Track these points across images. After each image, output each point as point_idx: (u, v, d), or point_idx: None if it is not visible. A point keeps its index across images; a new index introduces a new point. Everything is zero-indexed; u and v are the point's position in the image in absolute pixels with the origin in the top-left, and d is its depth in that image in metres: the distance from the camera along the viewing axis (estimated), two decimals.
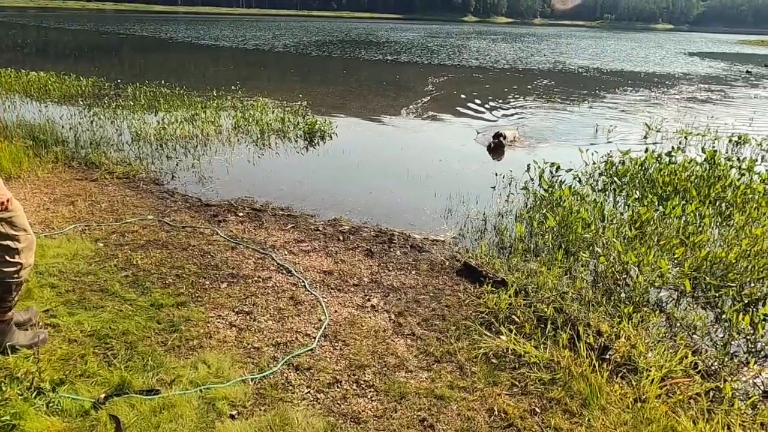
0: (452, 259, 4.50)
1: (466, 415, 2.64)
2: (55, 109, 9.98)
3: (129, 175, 6.34)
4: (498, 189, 6.57)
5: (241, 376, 2.77)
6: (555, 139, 9.50)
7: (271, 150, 8.14)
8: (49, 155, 6.77)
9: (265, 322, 3.35)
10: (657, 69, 24.68)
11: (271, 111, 10.28)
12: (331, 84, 16.31)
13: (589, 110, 12.79)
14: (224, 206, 5.51)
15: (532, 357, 3.09)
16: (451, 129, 10.41)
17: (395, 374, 2.92)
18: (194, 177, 6.60)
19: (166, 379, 2.70)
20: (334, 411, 2.61)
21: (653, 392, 2.77)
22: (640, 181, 6.26)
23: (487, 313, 3.59)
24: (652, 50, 39.94)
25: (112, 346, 2.95)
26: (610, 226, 4.88)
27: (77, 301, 3.41)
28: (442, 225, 5.38)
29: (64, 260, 3.96)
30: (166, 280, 3.79)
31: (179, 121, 8.96)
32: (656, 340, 3.29)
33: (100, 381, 2.63)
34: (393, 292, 3.85)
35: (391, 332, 3.34)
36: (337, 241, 4.74)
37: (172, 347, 3.00)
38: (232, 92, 12.13)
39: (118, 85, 12.54)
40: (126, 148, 7.67)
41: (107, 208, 5.20)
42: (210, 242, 4.53)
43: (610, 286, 4.00)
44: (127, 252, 4.20)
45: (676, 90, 17.29)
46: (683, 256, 4.34)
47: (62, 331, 3.04)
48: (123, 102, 10.48)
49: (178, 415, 2.43)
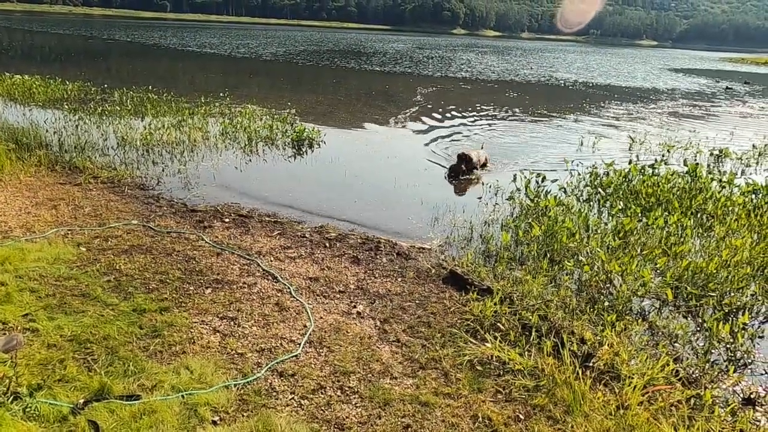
0: (438, 266, 4.51)
1: (450, 422, 2.64)
2: (39, 113, 9.86)
3: (114, 180, 6.28)
4: (484, 198, 6.62)
5: (224, 382, 2.74)
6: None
7: (259, 157, 8.12)
8: (32, 159, 6.67)
9: (250, 328, 3.32)
10: (641, 84, 25.16)
11: (259, 118, 10.27)
12: (320, 93, 16.34)
13: (574, 123, 12.97)
14: (210, 212, 5.48)
15: (516, 364, 3.10)
16: (438, 140, 10.48)
17: (380, 381, 2.91)
18: (180, 182, 6.55)
19: (148, 384, 2.66)
20: (318, 417, 2.59)
21: (635, 399, 2.80)
22: (624, 192, 6.36)
23: (473, 320, 3.60)
24: (636, 66, 40.75)
25: (93, 351, 2.90)
26: (594, 235, 4.94)
27: (58, 305, 3.35)
28: (428, 233, 5.40)
29: (44, 264, 3.89)
30: (150, 285, 3.75)
31: (166, 126, 8.90)
32: (639, 348, 3.33)
33: (80, 386, 2.58)
34: (379, 299, 3.85)
35: (376, 339, 3.33)
36: (323, 248, 4.73)
37: (154, 352, 2.95)
38: (220, 99, 12.10)
39: (104, 89, 12.44)
40: (111, 152, 7.60)
41: (91, 212, 5.13)
42: (195, 248, 4.49)
43: (594, 295, 4.04)
44: (110, 257, 4.15)
45: (659, 104, 17.63)
46: (665, 266, 4.41)
47: (41, 336, 2.99)
48: (109, 107, 10.38)
49: (159, 421, 2.39)
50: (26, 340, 2.92)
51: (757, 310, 4.04)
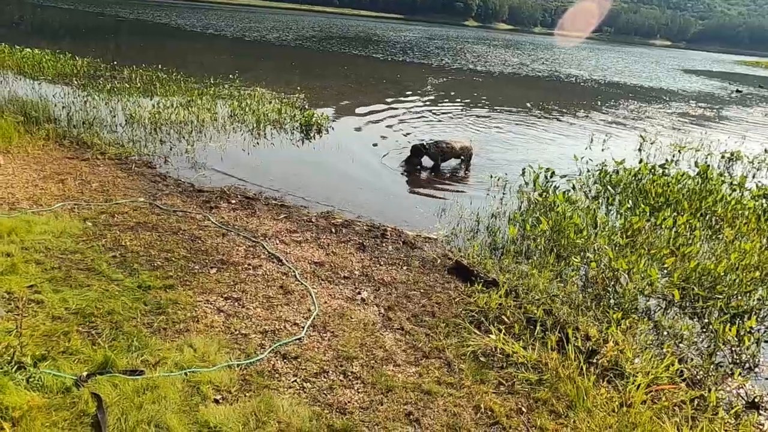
0: (444, 257, 4.49)
1: (452, 411, 2.63)
2: (48, 87, 9.83)
3: (121, 157, 6.26)
4: (491, 191, 6.58)
5: (228, 362, 2.74)
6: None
7: (267, 140, 8.08)
8: (41, 132, 6.66)
9: (254, 309, 3.31)
10: (653, 84, 24.92)
11: (268, 102, 10.22)
12: (330, 79, 16.24)
13: (584, 120, 12.86)
14: (217, 193, 5.46)
15: (520, 357, 3.09)
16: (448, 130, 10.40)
17: (383, 367, 2.90)
18: (188, 162, 6.53)
19: (151, 360, 2.66)
20: (320, 401, 2.59)
21: (639, 397, 2.78)
22: (633, 191, 6.31)
23: (477, 311, 3.58)
24: (649, 65, 40.34)
25: (97, 325, 2.90)
26: (601, 233, 4.91)
27: (63, 278, 3.35)
28: (434, 223, 5.37)
29: (50, 237, 3.89)
30: (155, 262, 3.74)
31: (175, 106, 8.87)
32: (643, 347, 3.31)
33: (83, 359, 2.58)
34: (383, 287, 3.83)
35: (380, 326, 3.31)
36: (329, 234, 4.71)
37: (158, 329, 2.95)
38: (229, 81, 12.03)
39: (114, 66, 12.38)
40: (119, 129, 7.57)
41: (98, 188, 5.12)
42: (201, 228, 4.48)
43: (599, 292, 4.01)
44: (116, 233, 4.14)
45: (671, 105, 17.46)
46: (673, 266, 4.37)
47: (46, 308, 2.99)
48: (118, 84, 10.35)
49: (162, 397, 2.39)
50: (31, 311, 2.91)
51: (764, 314, 4.00)
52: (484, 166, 7.76)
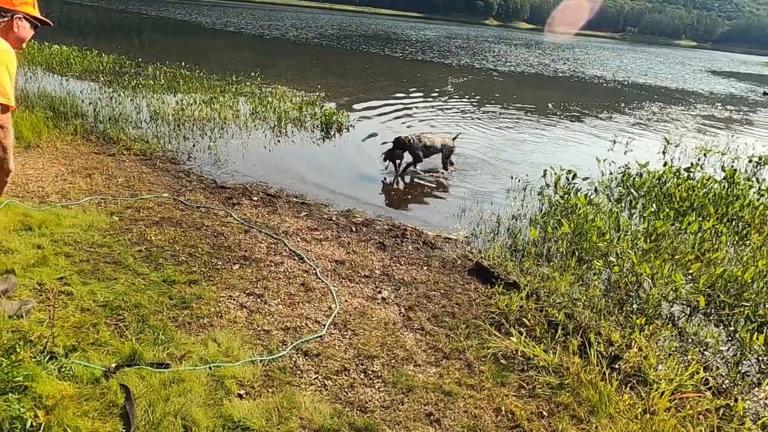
0: (464, 258, 4.48)
1: (472, 413, 2.63)
2: (75, 83, 10.05)
3: (146, 153, 6.37)
4: (512, 193, 6.54)
5: (251, 357, 2.78)
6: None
7: (288, 138, 8.15)
8: (69, 127, 6.81)
9: (276, 306, 3.35)
10: (678, 85, 24.45)
11: (289, 99, 10.29)
12: (351, 77, 16.30)
13: (606, 122, 12.69)
14: (239, 189, 5.52)
15: (541, 360, 3.07)
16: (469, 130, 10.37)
17: (403, 367, 2.91)
18: (210, 159, 6.62)
19: (177, 353, 2.70)
20: (341, 398, 2.61)
21: (663, 405, 2.74)
22: (657, 194, 6.21)
23: (498, 313, 3.57)
24: (674, 66, 39.59)
25: (124, 318, 2.96)
26: (624, 236, 4.84)
27: (91, 271, 3.42)
28: (455, 224, 5.36)
29: (79, 231, 3.98)
30: (179, 257, 3.80)
31: (198, 103, 9.00)
32: (667, 354, 3.26)
33: (112, 350, 2.64)
34: (404, 286, 3.84)
35: (400, 325, 3.33)
36: (349, 232, 4.73)
37: (183, 323, 3.00)
38: (251, 79, 12.15)
39: (138, 63, 12.60)
40: (144, 125, 7.71)
41: (123, 183, 5.22)
42: (224, 224, 4.54)
43: (622, 297, 3.96)
44: (141, 227, 4.22)
45: (696, 107, 17.12)
46: (698, 273, 4.29)
47: (75, 300, 3.06)
48: (143, 80, 10.53)
49: (187, 390, 2.43)
50: (61, 302, 2.99)
51: None
52: (505, 167, 7.71)
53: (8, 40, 2.53)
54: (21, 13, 2.56)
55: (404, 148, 6.75)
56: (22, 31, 2.60)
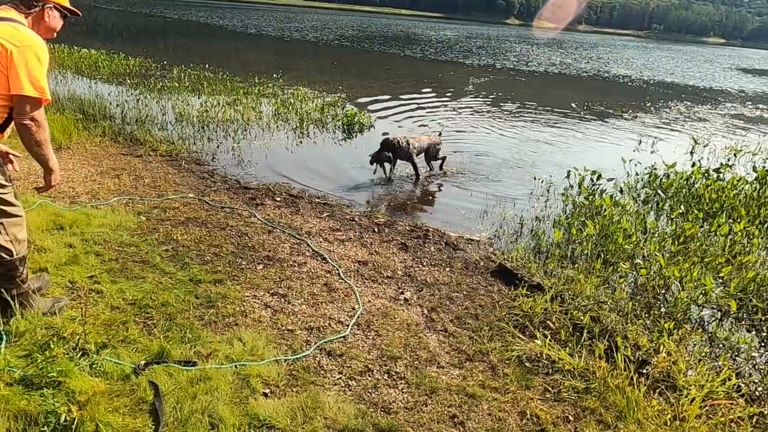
0: (487, 259, 4.45)
1: (497, 416, 2.60)
2: (103, 86, 10.30)
3: (172, 154, 6.48)
4: (535, 193, 6.46)
5: (275, 356, 2.80)
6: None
7: (309, 139, 8.20)
8: (97, 129, 6.98)
9: (299, 306, 3.38)
10: (706, 84, 23.87)
11: (310, 101, 10.36)
12: (371, 78, 16.33)
13: (631, 122, 12.46)
14: (262, 190, 5.58)
15: (566, 364, 3.03)
16: (488, 130, 10.29)
17: (426, 368, 2.90)
18: (234, 160, 6.71)
19: (203, 352, 2.74)
20: (365, 399, 2.61)
21: (693, 411, 2.68)
22: (685, 195, 6.07)
23: (522, 316, 3.53)
24: (701, 64, 38.65)
25: (152, 316, 3.02)
26: (651, 238, 4.75)
27: (120, 270, 3.50)
28: (477, 225, 5.32)
29: (108, 230, 4.07)
30: (205, 257, 3.86)
31: (221, 104, 9.13)
32: (697, 359, 3.18)
33: (141, 348, 2.69)
34: (426, 288, 3.83)
35: (423, 327, 3.32)
36: (372, 233, 4.74)
37: (209, 322, 3.05)
38: (273, 80, 12.27)
39: (163, 66, 12.83)
40: (169, 127, 7.85)
41: (150, 183, 5.33)
42: (247, 224, 4.59)
43: (649, 300, 3.88)
44: (167, 227, 4.30)
45: (725, 106, 16.68)
46: (729, 276, 4.18)
47: (105, 298, 3.13)
48: (168, 83, 10.72)
49: (214, 388, 2.46)
50: (92, 300, 3.06)
51: None
52: (527, 168, 7.63)
53: (40, 30, 2.59)
54: (51, 2, 2.63)
55: (392, 150, 6.37)
56: (52, 21, 2.65)
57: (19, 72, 2.35)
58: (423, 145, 6.75)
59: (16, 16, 2.49)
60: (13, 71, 2.35)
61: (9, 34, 2.38)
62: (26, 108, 2.41)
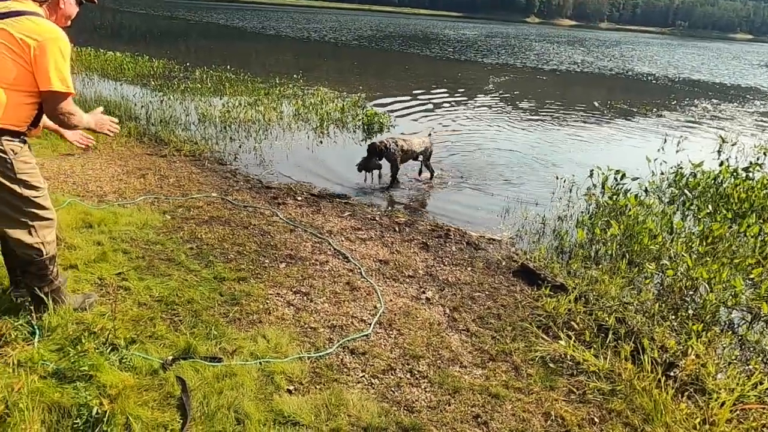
0: (509, 259, 4.41)
1: (521, 416, 2.58)
2: (128, 88, 10.51)
3: (195, 154, 6.59)
4: (558, 193, 6.39)
5: (299, 354, 2.82)
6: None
7: (330, 139, 8.25)
8: (123, 130, 7.12)
9: (322, 304, 3.40)
10: (734, 81, 23.27)
11: (330, 101, 10.41)
12: (391, 78, 16.34)
13: (656, 120, 12.22)
14: (284, 189, 5.63)
15: (591, 365, 2.99)
16: (509, 129, 10.20)
17: (449, 368, 2.89)
18: (255, 159, 6.78)
19: (228, 348, 2.78)
20: (387, 397, 2.62)
21: (723, 416, 2.62)
22: (713, 195, 5.93)
23: (545, 316, 3.50)
24: (729, 61, 37.70)
25: (178, 313, 3.07)
26: (678, 239, 4.65)
27: (146, 267, 3.57)
28: (498, 224, 5.29)
29: (135, 228, 4.15)
30: (228, 255, 3.91)
31: (243, 105, 9.24)
32: (727, 362, 3.11)
33: (168, 344, 2.74)
34: (448, 287, 3.82)
35: (445, 326, 3.31)
36: (393, 232, 4.75)
37: (233, 319, 3.09)
38: (293, 81, 12.37)
39: (186, 68, 13.04)
40: (192, 128, 7.97)
41: (174, 183, 5.42)
42: (270, 223, 4.64)
43: (676, 301, 3.81)
44: (192, 225, 4.37)
45: (754, 104, 16.25)
46: (759, 278, 4.07)
47: (133, 294, 3.19)
48: (191, 84, 10.89)
49: (239, 384, 2.50)
50: (120, 297, 3.13)
51: None
52: (549, 167, 7.55)
53: (57, 19, 2.56)
54: None
55: (381, 155, 6.00)
56: (68, 8, 2.62)
57: (48, 68, 2.33)
58: (414, 148, 6.27)
59: (31, 7, 2.44)
60: (40, 68, 2.33)
61: (28, 29, 2.34)
62: (57, 103, 2.41)
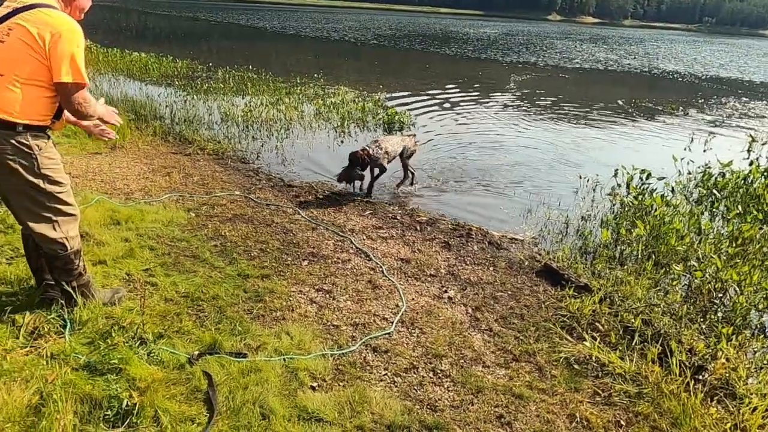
0: (531, 259, 4.37)
1: (545, 418, 2.56)
2: (153, 88, 10.69)
3: (218, 153, 6.68)
4: (581, 193, 6.30)
5: (322, 351, 2.84)
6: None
7: (351, 137, 8.27)
8: (149, 129, 7.27)
9: (344, 302, 3.41)
10: (763, 78, 22.62)
11: (351, 100, 10.44)
12: (411, 77, 16.31)
13: (682, 119, 11.95)
14: (305, 188, 5.67)
15: (616, 368, 2.94)
16: (531, 127, 10.09)
17: (472, 367, 2.88)
18: (278, 158, 6.84)
19: (252, 344, 2.82)
20: (410, 396, 2.62)
21: (755, 421, 2.55)
22: (743, 195, 5.77)
23: (569, 317, 3.46)
24: (757, 58, 36.67)
25: (204, 309, 3.12)
26: (706, 240, 4.54)
27: (172, 264, 3.64)
28: (521, 224, 5.24)
29: (160, 225, 4.23)
30: (252, 252, 3.96)
31: (264, 104, 9.32)
32: (759, 366, 3.03)
33: (194, 339, 2.79)
34: (470, 286, 3.80)
35: (468, 326, 3.29)
36: (414, 231, 4.74)
37: (257, 316, 3.13)
38: (314, 80, 12.44)
39: (209, 68, 13.22)
40: (216, 127, 8.08)
41: (198, 181, 5.50)
42: (292, 221, 4.68)
43: (705, 304, 3.72)
44: (216, 223, 4.43)
45: None
46: None
47: (160, 290, 3.26)
48: (214, 84, 11.04)
49: (264, 380, 2.53)
50: (147, 292, 3.19)
51: None
52: (572, 167, 7.45)
53: (71, 11, 2.58)
54: None
55: (364, 165, 5.51)
56: (82, 1, 2.63)
57: (62, 61, 2.35)
58: (396, 147, 5.85)
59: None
60: (55, 60, 2.35)
61: (42, 22, 2.34)
62: (72, 94, 2.43)
